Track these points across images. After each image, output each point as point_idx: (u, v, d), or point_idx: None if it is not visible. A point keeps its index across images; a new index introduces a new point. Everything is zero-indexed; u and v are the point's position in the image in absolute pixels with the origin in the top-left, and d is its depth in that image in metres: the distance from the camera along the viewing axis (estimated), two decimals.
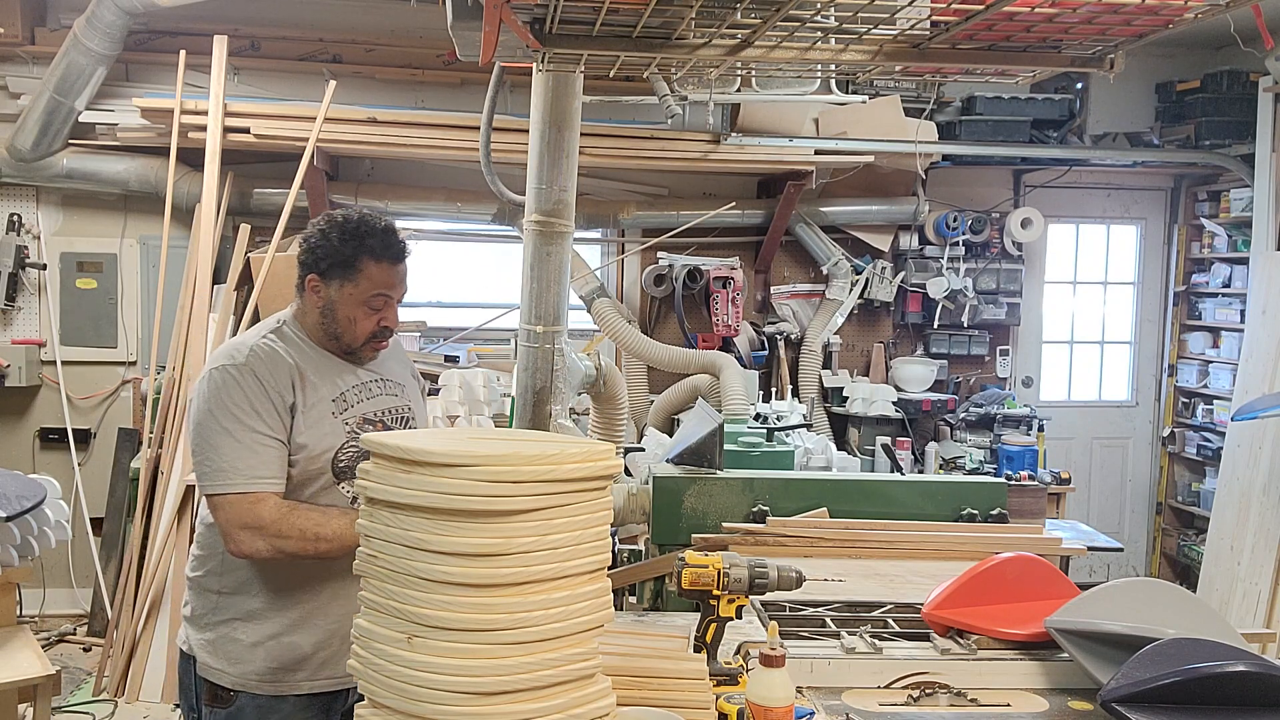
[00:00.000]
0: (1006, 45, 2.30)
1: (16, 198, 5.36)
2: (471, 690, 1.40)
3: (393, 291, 2.15)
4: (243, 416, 2.01)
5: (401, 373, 2.34)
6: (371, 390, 2.20)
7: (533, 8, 2.11)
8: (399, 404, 2.24)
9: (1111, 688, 1.77)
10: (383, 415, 2.18)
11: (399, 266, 2.15)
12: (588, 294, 5.53)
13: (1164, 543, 6.65)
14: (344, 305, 2.12)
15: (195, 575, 2.16)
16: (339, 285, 2.12)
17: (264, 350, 2.08)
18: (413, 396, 2.32)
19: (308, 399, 2.08)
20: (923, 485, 3.28)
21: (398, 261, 2.15)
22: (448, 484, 1.42)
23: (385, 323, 2.16)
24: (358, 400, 2.16)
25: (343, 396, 2.13)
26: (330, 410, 2.10)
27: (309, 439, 2.06)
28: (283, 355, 2.09)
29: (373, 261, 2.11)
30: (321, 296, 2.14)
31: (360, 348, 2.17)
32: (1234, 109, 5.76)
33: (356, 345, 2.16)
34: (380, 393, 2.21)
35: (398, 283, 2.16)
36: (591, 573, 1.53)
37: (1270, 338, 5.28)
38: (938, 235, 6.03)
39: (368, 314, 2.13)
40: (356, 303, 2.12)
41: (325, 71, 5.27)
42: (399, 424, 2.22)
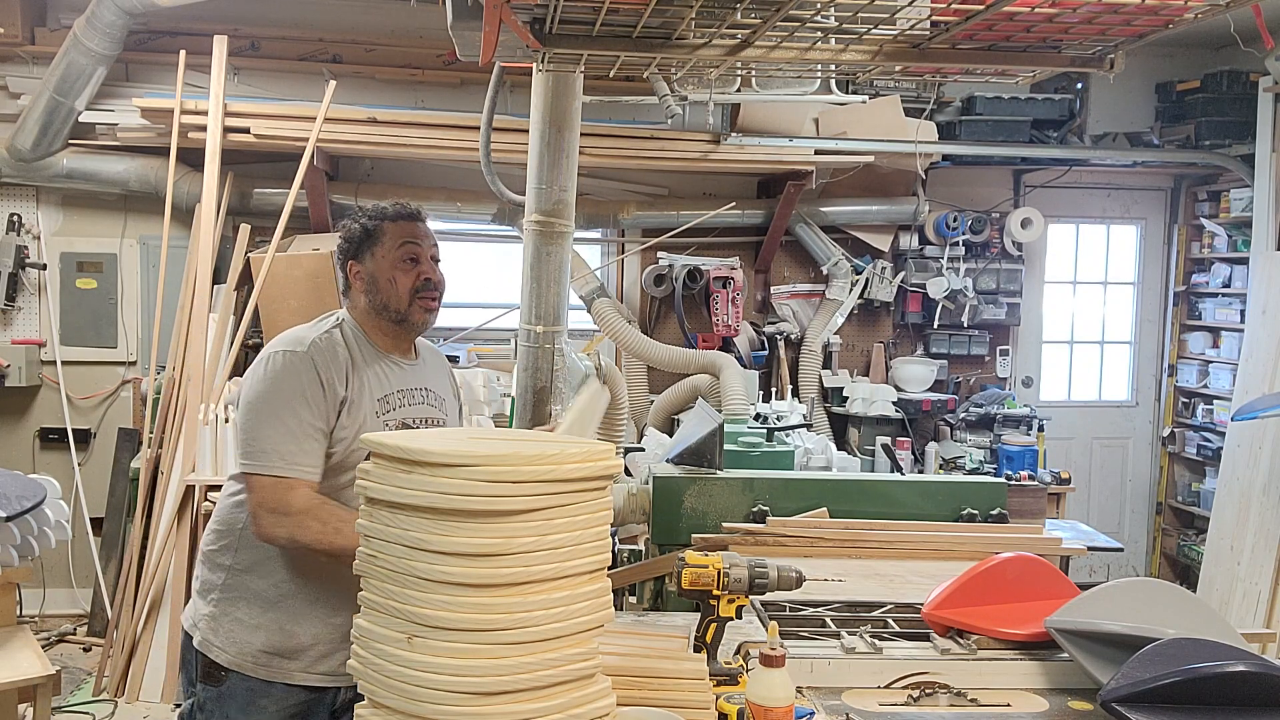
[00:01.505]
0: (1006, 45, 2.30)
1: (16, 198, 5.36)
2: (471, 690, 1.40)
3: (419, 240, 2.22)
4: (294, 403, 2.04)
5: (444, 387, 2.38)
6: (414, 397, 2.23)
7: (533, 8, 2.11)
8: (437, 415, 2.28)
9: (1111, 688, 1.77)
10: (420, 424, 2.21)
11: (420, 224, 2.25)
12: (588, 294, 5.53)
13: (1164, 543, 6.65)
14: (382, 270, 2.20)
15: (210, 549, 2.19)
16: (371, 255, 2.22)
17: (324, 342, 2.13)
18: (449, 412, 2.36)
19: (356, 395, 2.12)
20: (923, 485, 3.28)
21: (417, 219, 2.25)
22: (448, 484, 1.42)
23: (425, 274, 2.21)
24: (400, 404, 2.20)
25: (387, 398, 2.18)
26: (374, 409, 2.14)
27: (350, 434, 2.09)
28: (341, 348, 2.15)
29: (390, 222, 2.22)
30: (363, 276, 2.23)
31: (409, 309, 2.20)
32: (1234, 109, 5.76)
33: (405, 307, 2.20)
34: (421, 401, 2.25)
35: (422, 235, 2.24)
36: (591, 573, 1.53)
37: (1270, 338, 5.28)
38: (938, 235, 6.03)
39: (405, 269, 2.19)
40: (391, 262, 2.20)
41: (325, 71, 5.27)
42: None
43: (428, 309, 2.24)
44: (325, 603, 2.09)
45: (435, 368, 2.38)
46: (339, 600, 2.07)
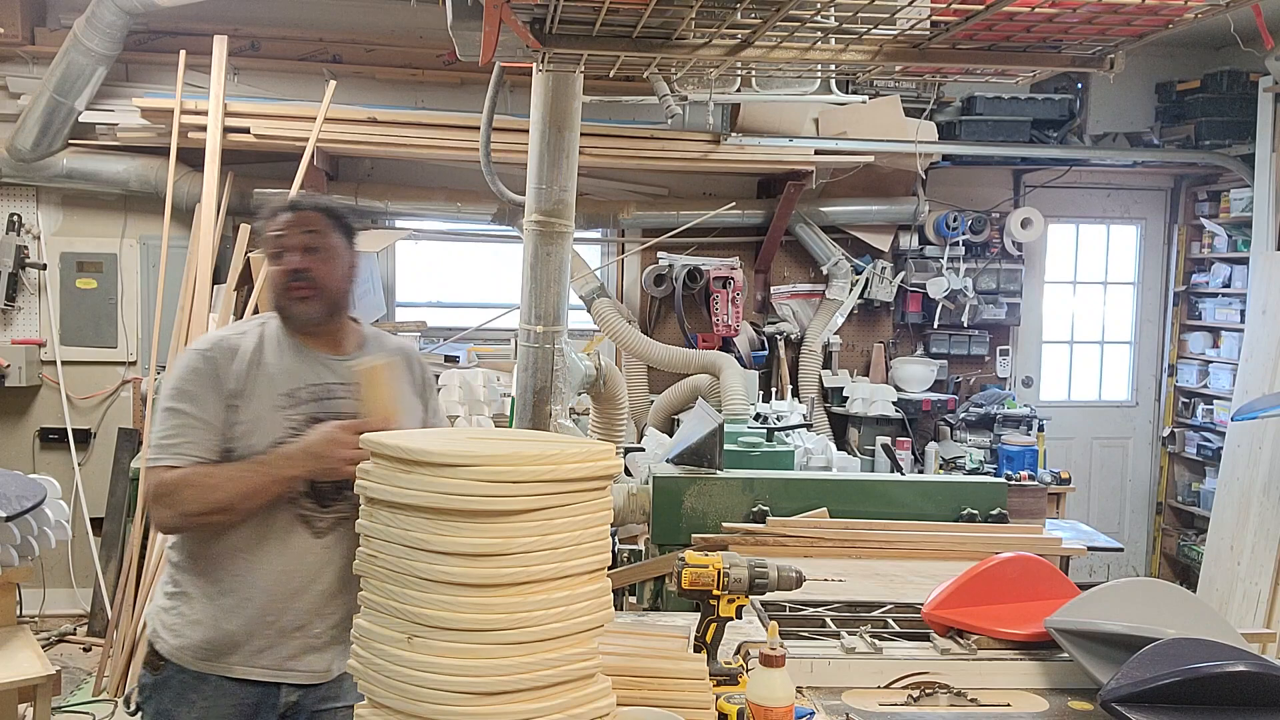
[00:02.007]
0: (1006, 45, 2.30)
1: (16, 198, 5.36)
2: (471, 690, 1.41)
3: (287, 233, 2.13)
4: (182, 398, 2.06)
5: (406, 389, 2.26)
6: (335, 392, 2.14)
7: (533, 8, 2.11)
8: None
9: (1111, 688, 1.77)
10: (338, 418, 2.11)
11: (289, 213, 2.16)
12: (588, 294, 5.53)
13: (1164, 543, 6.65)
14: (267, 269, 2.18)
15: (167, 547, 2.22)
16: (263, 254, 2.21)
17: (230, 337, 2.14)
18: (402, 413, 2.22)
19: (254, 388, 2.08)
20: (923, 485, 3.28)
21: (289, 210, 2.17)
22: (448, 484, 1.42)
23: (292, 264, 2.13)
24: (312, 399, 2.12)
25: (294, 393, 2.11)
26: (278, 403, 2.09)
27: (248, 428, 2.07)
28: (246, 344, 2.12)
29: (268, 219, 2.18)
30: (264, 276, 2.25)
31: (286, 304, 2.14)
32: (1234, 109, 5.76)
33: (282, 303, 2.14)
34: (344, 396, 2.14)
35: (291, 226, 2.14)
36: (591, 573, 1.53)
37: (1270, 338, 5.28)
38: (938, 235, 6.03)
39: (275, 263, 2.14)
40: (268, 260, 2.16)
41: (325, 71, 5.27)
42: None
43: (301, 298, 2.13)
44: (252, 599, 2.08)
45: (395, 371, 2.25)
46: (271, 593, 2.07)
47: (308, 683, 2.12)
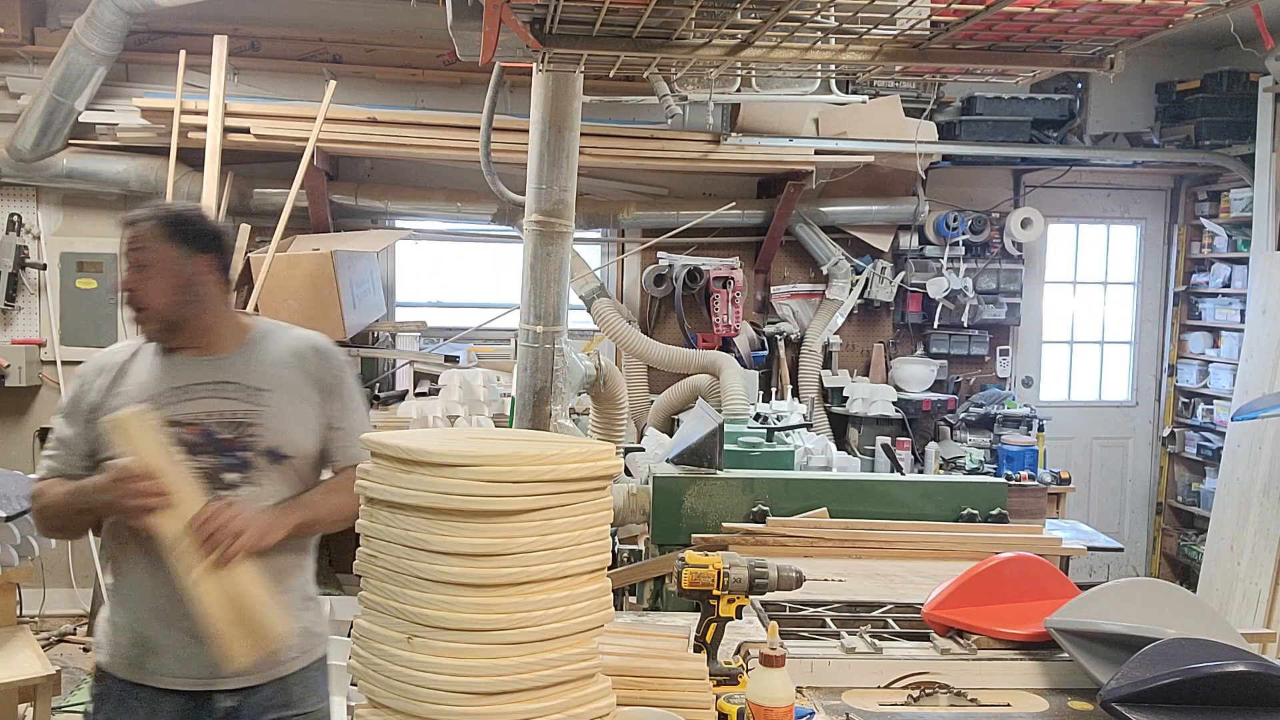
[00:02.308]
0: (1006, 45, 2.30)
1: (16, 198, 5.36)
2: (471, 690, 1.41)
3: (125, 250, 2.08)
4: (61, 415, 2.14)
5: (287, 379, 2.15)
6: (198, 393, 2.07)
7: (533, 8, 2.11)
8: (235, 408, 2.08)
9: (1111, 688, 1.77)
10: (200, 419, 2.05)
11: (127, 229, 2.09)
12: (588, 294, 5.53)
13: (1164, 543, 6.65)
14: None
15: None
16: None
17: (106, 355, 2.16)
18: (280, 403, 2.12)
19: (112, 400, 2.06)
20: (923, 485, 3.28)
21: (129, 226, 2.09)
22: (448, 484, 1.42)
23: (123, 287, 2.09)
24: (172, 402, 2.06)
25: (154, 398, 2.06)
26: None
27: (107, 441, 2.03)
28: (116, 360, 2.14)
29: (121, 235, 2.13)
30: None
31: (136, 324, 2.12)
32: (1234, 109, 5.76)
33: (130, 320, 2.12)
34: (209, 395, 2.08)
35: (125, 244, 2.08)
36: (591, 573, 1.53)
37: (1270, 338, 5.28)
38: (938, 235, 6.03)
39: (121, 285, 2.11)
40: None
41: (325, 71, 5.27)
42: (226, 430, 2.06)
43: (136, 320, 2.09)
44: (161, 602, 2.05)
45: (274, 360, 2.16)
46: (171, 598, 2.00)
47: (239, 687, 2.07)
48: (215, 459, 2.05)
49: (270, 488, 2.08)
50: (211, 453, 2.05)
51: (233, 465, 2.06)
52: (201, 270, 2.11)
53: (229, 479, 2.05)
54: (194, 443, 2.05)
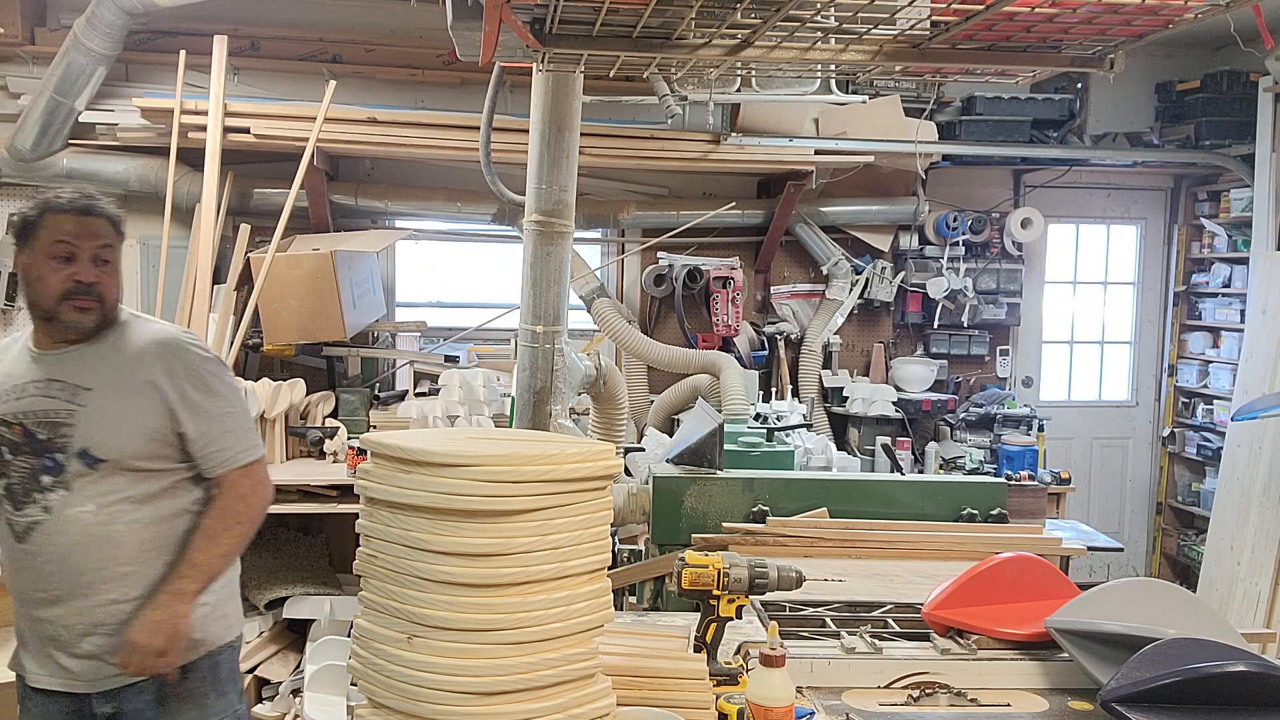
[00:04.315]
0: (1006, 45, 2.30)
1: (17, 198, 5.34)
2: (471, 690, 1.41)
3: (76, 241, 2.06)
4: None
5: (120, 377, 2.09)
6: (28, 391, 2.07)
7: (533, 8, 2.11)
8: (54, 407, 2.06)
9: (1111, 688, 1.77)
10: (24, 418, 2.05)
11: (83, 218, 2.08)
12: (588, 294, 5.53)
13: (1164, 543, 6.65)
14: (33, 264, 2.08)
15: None
16: (29, 245, 2.09)
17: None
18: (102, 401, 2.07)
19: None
20: (923, 485, 3.28)
21: (81, 214, 2.08)
22: (448, 484, 1.42)
23: (77, 276, 2.06)
24: (4, 401, 2.08)
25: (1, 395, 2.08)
26: None
27: None
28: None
29: (54, 213, 2.08)
30: (20, 265, 2.11)
31: (57, 309, 2.06)
32: (1234, 109, 5.76)
33: (51, 306, 2.06)
34: (37, 394, 2.07)
35: (82, 233, 2.07)
36: (591, 573, 1.53)
37: (1270, 338, 5.28)
38: (938, 235, 6.03)
39: (54, 268, 2.05)
40: (42, 257, 2.06)
41: (325, 71, 5.27)
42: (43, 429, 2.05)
43: (80, 307, 2.07)
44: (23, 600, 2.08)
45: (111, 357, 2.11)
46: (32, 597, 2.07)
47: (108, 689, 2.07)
48: (34, 460, 2.04)
49: (83, 492, 2.04)
50: (30, 454, 2.04)
51: (48, 468, 2.04)
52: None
53: (44, 481, 2.04)
54: (15, 443, 2.05)
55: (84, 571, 2.04)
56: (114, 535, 2.05)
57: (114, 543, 2.06)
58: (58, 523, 2.04)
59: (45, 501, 2.04)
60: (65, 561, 2.04)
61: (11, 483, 2.06)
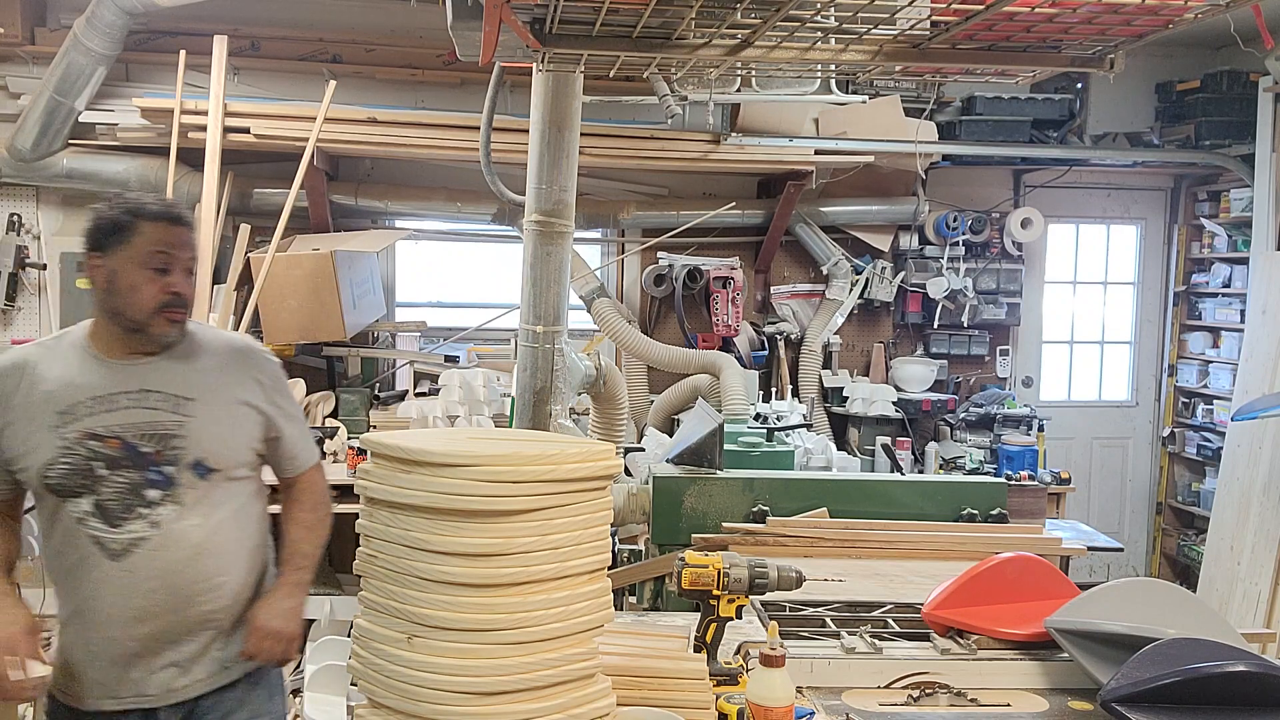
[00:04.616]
0: (1006, 45, 2.30)
1: (16, 198, 5.35)
2: (471, 690, 1.41)
3: (175, 251, 1.99)
4: None
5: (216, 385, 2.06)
6: (120, 403, 1.97)
7: (533, 8, 2.11)
8: (159, 419, 1.98)
9: (1111, 688, 1.77)
10: (121, 431, 1.96)
11: (177, 228, 2.01)
12: (588, 294, 5.53)
13: (1164, 543, 6.65)
14: (124, 273, 1.96)
15: None
16: (116, 252, 1.97)
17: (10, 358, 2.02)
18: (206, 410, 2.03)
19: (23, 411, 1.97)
20: (923, 485, 3.28)
21: (176, 224, 2.01)
22: (448, 484, 1.42)
23: (173, 287, 1.98)
24: (91, 413, 1.96)
25: (73, 408, 1.96)
26: (50, 422, 1.95)
27: (18, 451, 1.97)
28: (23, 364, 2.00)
29: (148, 221, 1.98)
30: (103, 272, 1.98)
31: (149, 320, 1.97)
32: (1234, 109, 5.76)
33: (144, 317, 1.97)
34: (134, 405, 1.98)
35: (180, 244, 2.00)
36: (591, 573, 1.53)
37: (1270, 338, 5.28)
38: (938, 235, 6.03)
39: (150, 278, 1.96)
40: (135, 265, 1.96)
41: (325, 71, 5.27)
42: (147, 441, 1.97)
43: (172, 319, 2.00)
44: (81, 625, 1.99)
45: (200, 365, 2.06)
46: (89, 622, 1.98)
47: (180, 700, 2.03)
48: (137, 474, 1.96)
49: (194, 506, 1.99)
50: (132, 467, 1.95)
51: (155, 481, 1.97)
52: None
53: (150, 496, 1.96)
54: (114, 457, 1.95)
55: (186, 585, 1.98)
56: (217, 546, 2.02)
57: (216, 553, 2.02)
58: (166, 537, 1.96)
59: (154, 516, 1.96)
60: (168, 577, 1.97)
61: (104, 499, 1.95)
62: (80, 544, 1.96)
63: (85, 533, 1.95)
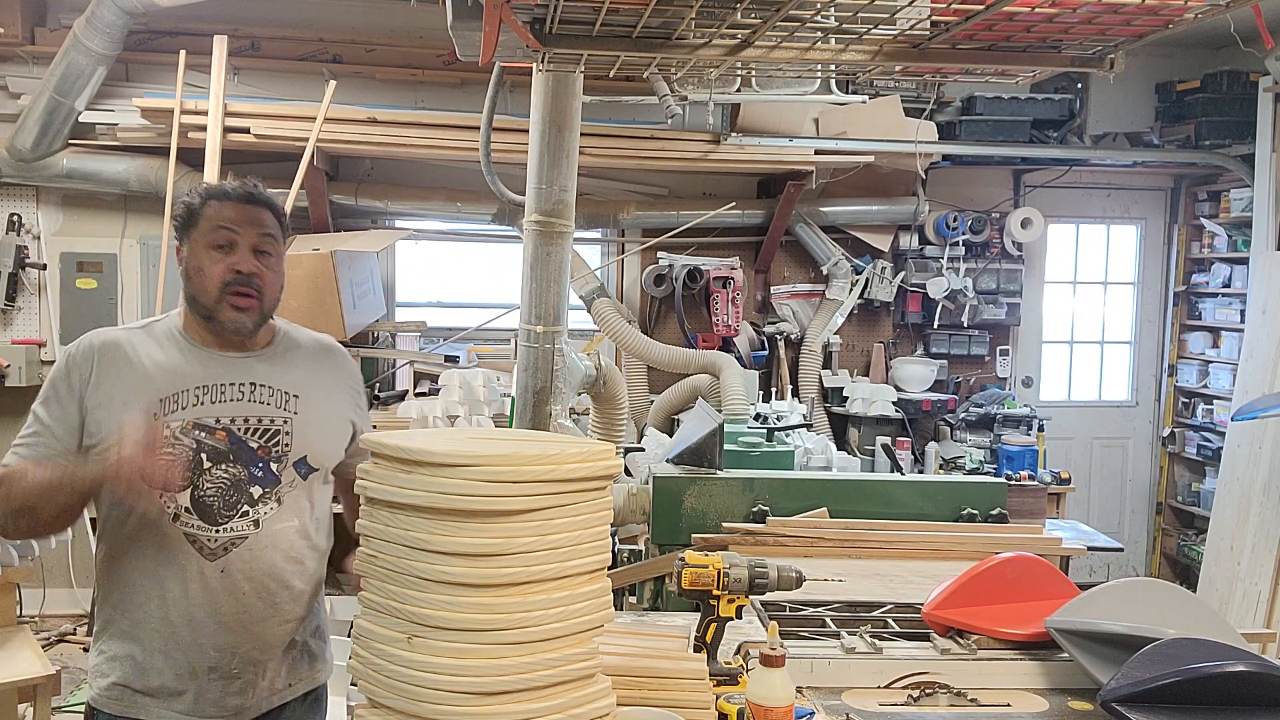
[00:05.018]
0: (1006, 45, 2.30)
1: (16, 198, 5.36)
2: (471, 690, 1.40)
3: (238, 228, 1.91)
4: (44, 401, 1.89)
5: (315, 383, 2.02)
6: (229, 394, 1.90)
7: (533, 8, 2.11)
8: (267, 414, 1.93)
9: (1111, 688, 1.77)
10: (230, 424, 1.88)
11: (246, 206, 1.94)
12: (588, 294, 5.53)
13: (1164, 543, 6.65)
14: (194, 256, 1.92)
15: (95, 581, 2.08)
16: (189, 238, 1.93)
17: (104, 336, 1.94)
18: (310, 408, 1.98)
19: (116, 393, 1.86)
20: (923, 485, 3.28)
21: (243, 201, 1.94)
22: (448, 484, 1.42)
23: (237, 265, 1.90)
24: (198, 402, 1.88)
25: (177, 396, 1.87)
26: (149, 409, 1.85)
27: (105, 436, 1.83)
28: (118, 344, 1.92)
29: (215, 201, 1.94)
30: (182, 260, 1.95)
31: (216, 305, 1.90)
32: (1234, 109, 5.76)
33: (212, 301, 1.90)
34: (243, 398, 1.91)
35: (245, 221, 1.92)
36: (591, 573, 1.53)
37: (1270, 338, 5.28)
38: (938, 235, 6.03)
39: (214, 258, 1.90)
40: (203, 247, 1.91)
41: (325, 71, 5.27)
42: (256, 436, 1.91)
43: (239, 308, 1.90)
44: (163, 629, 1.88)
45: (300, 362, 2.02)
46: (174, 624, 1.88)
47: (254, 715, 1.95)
48: (241, 469, 1.88)
49: (292, 506, 1.94)
50: (236, 462, 1.88)
51: (258, 478, 1.89)
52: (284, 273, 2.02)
53: (255, 493, 1.89)
54: (219, 450, 1.87)
55: (276, 590, 1.92)
56: (302, 551, 1.97)
57: (301, 557, 1.97)
58: (265, 538, 1.89)
59: (256, 515, 1.89)
60: (261, 579, 1.90)
61: (205, 495, 1.85)
62: (170, 542, 1.87)
63: (179, 530, 1.86)
